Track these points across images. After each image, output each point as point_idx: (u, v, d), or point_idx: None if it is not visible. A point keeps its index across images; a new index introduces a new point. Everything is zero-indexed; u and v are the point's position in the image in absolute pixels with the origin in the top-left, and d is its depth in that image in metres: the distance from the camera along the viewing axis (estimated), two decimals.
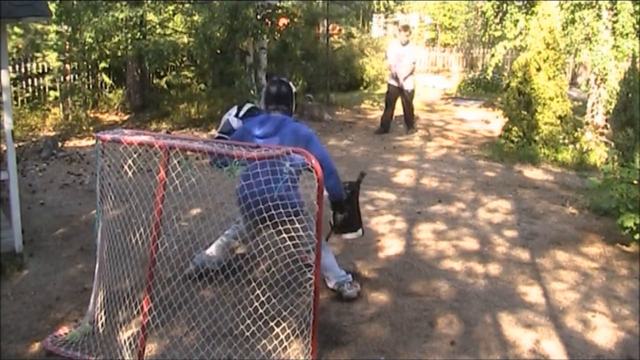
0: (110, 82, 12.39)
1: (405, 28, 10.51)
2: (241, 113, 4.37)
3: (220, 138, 4.18)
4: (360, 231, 4.42)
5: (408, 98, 10.36)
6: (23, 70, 11.47)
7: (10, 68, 9.97)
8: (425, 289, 4.43)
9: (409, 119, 10.59)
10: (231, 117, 4.38)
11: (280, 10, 11.18)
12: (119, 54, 11.69)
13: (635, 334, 3.89)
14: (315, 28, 15.77)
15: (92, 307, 3.79)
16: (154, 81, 13.36)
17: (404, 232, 5.60)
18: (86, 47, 10.47)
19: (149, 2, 10.53)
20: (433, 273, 4.72)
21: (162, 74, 13.49)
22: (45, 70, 11.68)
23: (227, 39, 10.10)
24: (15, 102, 10.95)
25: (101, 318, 3.72)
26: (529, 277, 4.71)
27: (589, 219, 6.12)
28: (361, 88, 16.05)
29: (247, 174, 3.66)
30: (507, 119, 9.19)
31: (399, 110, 10.53)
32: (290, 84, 4.29)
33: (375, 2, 20.00)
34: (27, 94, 11.45)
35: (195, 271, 4.34)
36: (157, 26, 11.56)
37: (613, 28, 9.83)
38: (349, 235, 4.46)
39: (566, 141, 8.95)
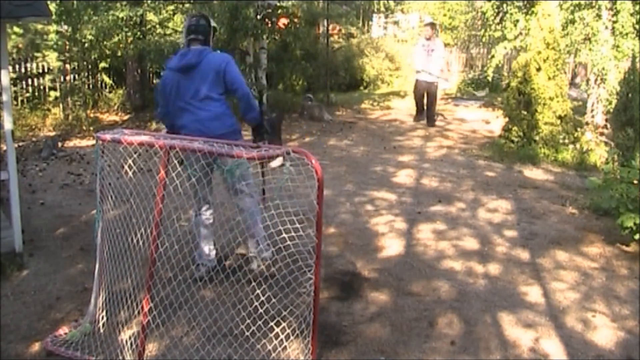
0: (110, 82, 12.39)
1: (432, 25, 11.10)
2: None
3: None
4: (279, 160, 4.30)
5: (435, 92, 10.89)
6: (23, 70, 11.48)
7: (10, 68, 9.98)
8: (425, 289, 4.43)
9: (432, 113, 11.11)
10: None
11: (280, 10, 11.19)
12: (119, 53, 11.70)
13: (635, 333, 3.89)
14: (315, 28, 15.76)
15: (92, 307, 3.79)
16: (154, 81, 13.36)
17: (404, 232, 5.60)
18: (86, 46, 10.46)
19: (149, 1, 10.54)
20: (433, 273, 4.72)
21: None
22: (45, 70, 11.68)
23: (227, 38, 10.10)
24: (15, 102, 10.96)
25: (103, 318, 3.72)
26: (529, 277, 4.71)
27: (589, 219, 6.12)
28: (361, 88, 16.05)
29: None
30: (507, 119, 9.20)
31: (399, 111, 10.53)
32: (210, 18, 4.46)
33: (375, 2, 20.00)
34: (27, 94, 11.45)
35: (207, 273, 4.37)
36: (157, 26, 11.56)
37: (613, 28, 9.83)
38: (272, 164, 4.48)
39: (566, 141, 8.95)
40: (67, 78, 11.41)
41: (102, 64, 12.08)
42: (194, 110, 4.23)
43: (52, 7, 9.58)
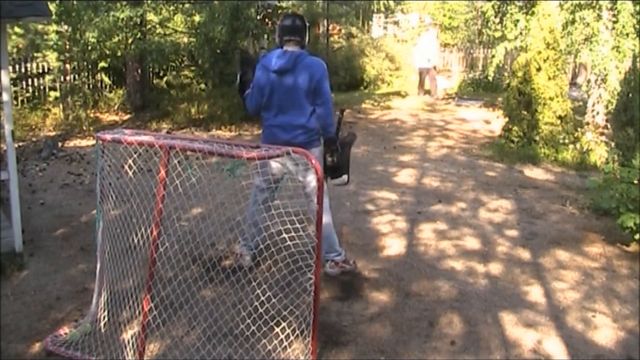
0: (110, 82, 12.39)
1: (435, 24, 14.29)
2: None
3: (243, 76, 4.54)
4: (345, 177, 4.50)
5: (434, 74, 14.00)
6: (23, 70, 11.47)
7: (10, 68, 9.98)
8: (426, 289, 4.42)
9: (435, 89, 14.07)
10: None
11: (280, 10, 11.19)
12: (119, 53, 11.69)
13: (636, 333, 3.89)
14: (315, 28, 15.76)
15: (94, 307, 3.79)
16: (154, 81, 13.36)
17: (405, 232, 5.60)
18: (88, 47, 10.46)
19: (149, 1, 10.53)
20: (434, 273, 4.71)
21: (162, 73, 13.49)
22: (45, 70, 11.67)
23: (227, 39, 10.10)
24: (15, 102, 10.95)
25: (104, 318, 3.72)
26: (529, 276, 4.70)
27: (590, 219, 6.12)
28: (361, 88, 16.04)
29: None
30: (507, 119, 9.19)
31: (399, 111, 10.54)
32: (304, 18, 4.45)
33: (375, 2, 19.99)
34: (27, 94, 11.44)
35: (253, 258, 4.44)
36: (157, 26, 11.56)
37: (613, 28, 9.82)
38: (335, 181, 4.53)
39: (566, 141, 8.94)
40: (67, 78, 11.40)
41: (102, 64, 12.07)
42: (282, 113, 4.29)
43: (52, 7, 9.57)
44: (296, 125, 4.26)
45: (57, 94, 11.44)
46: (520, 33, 11.00)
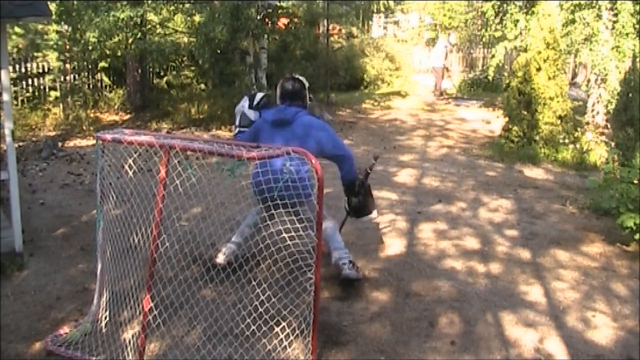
0: (110, 82, 12.39)
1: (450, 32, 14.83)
2: (255, 102, 4.59)
3: (240, 132, 4.53)
4: (375, 213, 4.56)
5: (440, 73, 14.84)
6: (23, 70, 11.47)
7: (11, 68, 9.98)
8: (426, 289, 4.42)
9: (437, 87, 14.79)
10: (246, 109, 4.58)
11: (280, 10, 11.19)
12: (119, 53, 11.69)
13: (636, 333, 3.89)
14: (315, 28, 15.75)
15: (95, 307, 3.79)
16: (154, 81, 13.36)
17: (405, 232, 5.60)
18: (89, 47, 10.47)
19: (149, 1, 10.53)
20: (434, 273, 4.72)
21: (162, 73, 13.49)
22: (46, 70, 11.68)
23: (228, 39, 10.10)
24: (15, 102, 10.96)
25: (105, 318, 3.72)
26: (529, 276, 4.70)
27: (589, 219, 6.12)
28: (361, 88, 16.04)
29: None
30: (507, 119, 9.19)
31: (399, 111, 10.55)
32: (303, 79, 4.52)
33: (375, 2, 19.99)
34: (27, 94, 11.45)
35: (229, 263, 4.37)
36: (158, 26, 11.56)
37: (613, 28, 9.82)
38: (366, 218, 4.61)
39: (566, 141, 8.95)
40: (67, 78, 11.41)
41: (102, 64, 12.07)
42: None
43: (52, 7, 9.58)
44: (290, 181, 3.90)
45: (57, 93, 11.44)
46: (520, 33, 11.00)
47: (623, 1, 9.57)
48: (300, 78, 4.54)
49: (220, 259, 4.46)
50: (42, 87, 11.69)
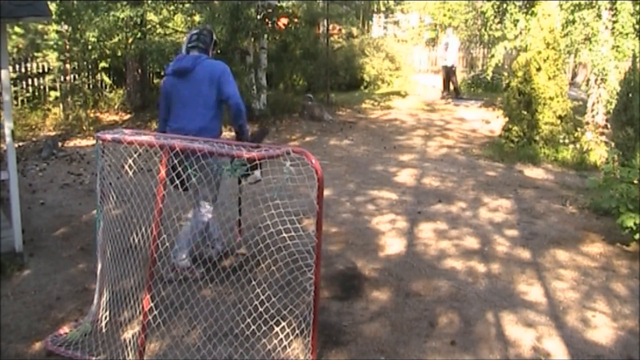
0: (110, 82, 12.40)
1: (452, 30, 14.52)
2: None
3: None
4: (257, 174, 4.43)
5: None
6: (23, 70, 11.48)
7: (11, 68, 9.98)
8: (426, 289, 4.43)
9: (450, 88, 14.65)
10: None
11: (280, 10, 11.18)
12: (119, 53, 11.70)
13: (636, 333, 3.89)
14: (315, 28, 15.76)
15: (95, 307, 3.79)
16: (154, 81, 13.36)
17: (405, 232, 5.60)
18: (89, 47, 10.47)
19: (149, 1, 10.54)
20: (433, 272, 4.72)
21: (162, 73, 13.48)
22: (46, 70, 11.68)
23: (227, 38, 10.11)
24: (15, 102, 10.96)
25: (105, 318, 3.72)
26: (529, 276, 4.71)
27: (589, 219, 6.12)
28: (361, 88, 16.05)
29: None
30: (507, 119, 9.20)
31: (399, 111, 10.56)
32: (210, 29, 4.68)
33: (375, 2, 19.99)
34: (28, 94, 11.46)
35: (194, 259, 4.41)
36: (157, 26, 11.57)
37: (613, 28, 9.83)
38: (249, 179, 4.51)
39: (566, 141, 8.95)
40: (68, 78, 11.41)
41: (102, 64, 12.08)
42: (185, 116, 4.31)
43: (52, 7, 9.59)
44: (199, 127, 4.23)
45: (57, 93, 11.45)
46: (520, 33, 11.00)
47: (623, 1, 9.57)
48: (208, 27, 4.71)
49: (181, 262, 4.40)
50: (42, 87, 11.70)
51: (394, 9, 21.69)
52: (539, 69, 8.81)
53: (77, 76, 11.75)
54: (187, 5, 11.03)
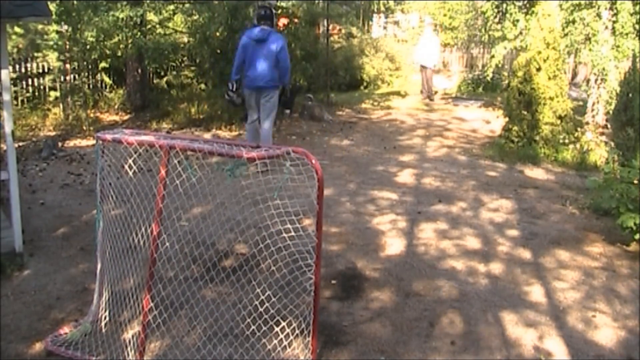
0: (110, 82, 12.39)
1: (435, 25, 14.87)
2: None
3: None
4: (288, 111, 8.35)
5: (431, 74, 14.40)
6: (23, 70, 11.46)
7: (11, 68, 9.97)
8: (426, 289, 4.42)
9: (428, 89, 14.34)
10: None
11: (280, 10, 11.17)
12: (119, 53, 11.69)
13: (636, 333, 3.89)
14: (315, 28, 15.72)
15: (95, 307, 3.79)
16: (154, 81, 13.36)
17: (405, 232, 5.60)
18: (87, 47, 10.46)
19: (149, 1, 10.53)
20: (434, 272, 4.71)
21: (162, 73, 13.49)
22: (46, 70, 11.67)
23: (227, 38, 10.10)
24: (15, 102, 10.95)
25: (105, 318, 3.72)
26: (530, 276, 4.70)
27: (590, 219, 6.12)
28: (361, 88, 16.03)
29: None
30: (507, 119, 9.19)
31: (399, 111, 10.56)
32: (272, 8, 7.31)
33: (375, 2, 19.97)
34: (28, 94, 11.44)
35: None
36: (157, 26, 11.56)
37: (613, 28, 9.82)
38: (287, 111, 8.20)
39: (567, 141, 8.94)
40: (68, 78, 11.40)
41: (102, 64, 12.06)
42: (257, 67, 7.07)
43: (52, 7, 9.57)
44: (266, 76, 7.14)
45: (57, 94, 11.43)
46: (520, 33, 10.99)
47: (622, 1, 9.57)
48: (270, 6, 7.26)
49: None
50: (42, 87, 11.69)
51: (394, 9, 21.67)
52: (539, 69, 8.80)
53: (77, 76, 11.73)
54: (187, 5, 11.02)
